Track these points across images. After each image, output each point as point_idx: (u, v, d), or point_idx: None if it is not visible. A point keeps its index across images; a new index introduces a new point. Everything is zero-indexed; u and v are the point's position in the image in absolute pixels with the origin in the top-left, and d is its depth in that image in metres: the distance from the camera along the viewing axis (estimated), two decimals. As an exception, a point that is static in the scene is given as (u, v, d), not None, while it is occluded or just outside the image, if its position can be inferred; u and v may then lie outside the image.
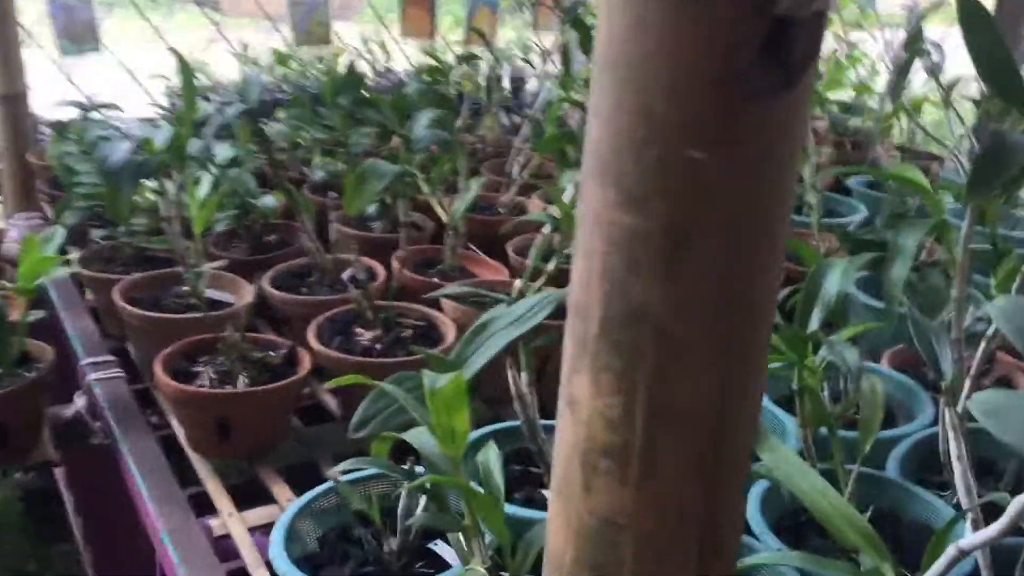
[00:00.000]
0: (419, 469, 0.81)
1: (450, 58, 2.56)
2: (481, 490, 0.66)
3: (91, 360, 1.36)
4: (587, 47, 2.33)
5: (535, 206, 1.77)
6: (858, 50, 2.65)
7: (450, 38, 2.70)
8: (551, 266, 1.29)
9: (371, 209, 1.63)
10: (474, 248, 1.54)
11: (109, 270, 1.46)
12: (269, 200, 1.49)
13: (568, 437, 0.32)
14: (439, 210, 1.57)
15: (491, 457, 0.69)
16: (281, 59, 2.58)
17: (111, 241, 1.49)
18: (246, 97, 1.28)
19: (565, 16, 2.26)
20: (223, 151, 1.50)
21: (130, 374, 1.37)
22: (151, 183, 1.35)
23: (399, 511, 0.82)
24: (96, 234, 1.49)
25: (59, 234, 1.25)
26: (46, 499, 1.87)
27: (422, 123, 1.14)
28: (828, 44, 2.14)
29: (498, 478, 0.67)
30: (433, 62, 2.65)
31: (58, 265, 1.17)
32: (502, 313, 0.82)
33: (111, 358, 1.37)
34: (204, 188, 1.36)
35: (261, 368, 1.16)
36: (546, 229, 1.41)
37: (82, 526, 1.81)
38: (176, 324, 1.25)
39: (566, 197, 1.31)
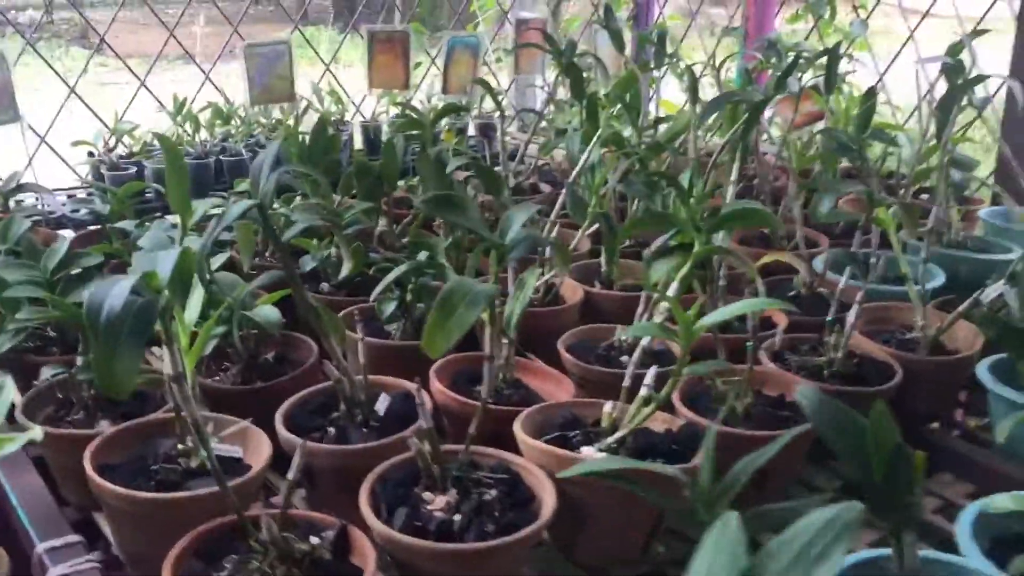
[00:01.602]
0: None
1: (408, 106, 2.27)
2: None
3: (50, 545, 1.02)
4: (580, 93, 2.07)
5: (570, 289, 1.49)
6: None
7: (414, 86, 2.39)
8: (649, 383, 1.02)
9: (389, 309, 1.32)
10: (528, 354, 1.26)
11: (65, 419, 1.12)
12: (270, 312, 1.17)
13: None
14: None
15: None
16: (222, 116, 2.24)
17: (63, 375, 1.15)
18: (254, 188, 0.97)
19: (559, 61, 2.00)
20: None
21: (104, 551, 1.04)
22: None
23: None
24: (45, 372, 1.14)
25: (7, 389, 0.91)
26: None
27: (517, 223, 0.85)
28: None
29: None
30: (392, 111, 2.36)
31: (18, 441, 0.84)
32: (773, 550, 0.54)
33: (77, 539, 1.03)
34: (194, 307, 1.04)
35: (311, 567, 0.85)
36: (639, 339, 1.13)
37: None
38: (182, 507, 0.92)
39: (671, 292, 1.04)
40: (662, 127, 1.88)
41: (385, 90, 2.16)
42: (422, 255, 1.33)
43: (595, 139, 1.41)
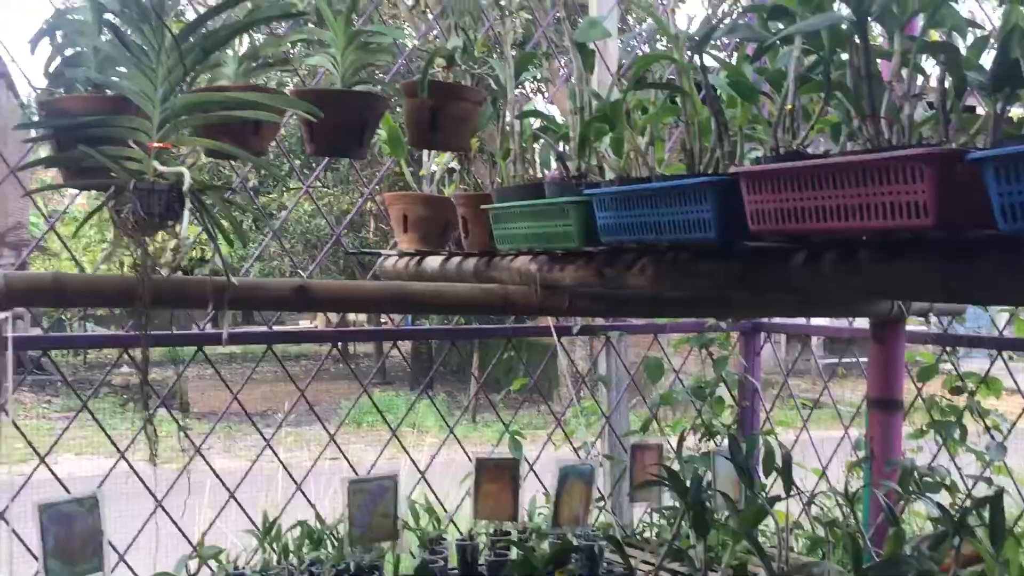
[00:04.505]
0: None
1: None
2: None
3: None
4: (703, 529, 1.89)
5: None
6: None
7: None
8: None
9: None
10: None
11: None
12: None
13: None
14: None
15: None
16: (313, 539, 2.07)
17: None
18: None
19: (682, 499, 1.85)
20: None
21: None
22: None
23: None
24: None
25: None
26: None
27: None
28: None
29: None
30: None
31: None
32: None
33: None
34: None
35: None
36: None
37: None
38: None
39: None
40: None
41: (491, 519, 1.99)
42: None
43: None
